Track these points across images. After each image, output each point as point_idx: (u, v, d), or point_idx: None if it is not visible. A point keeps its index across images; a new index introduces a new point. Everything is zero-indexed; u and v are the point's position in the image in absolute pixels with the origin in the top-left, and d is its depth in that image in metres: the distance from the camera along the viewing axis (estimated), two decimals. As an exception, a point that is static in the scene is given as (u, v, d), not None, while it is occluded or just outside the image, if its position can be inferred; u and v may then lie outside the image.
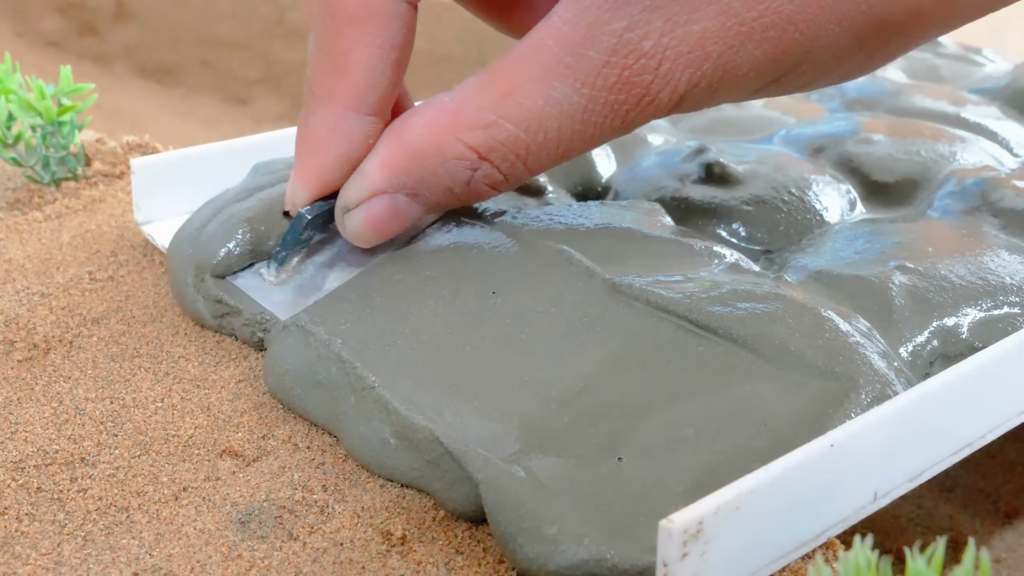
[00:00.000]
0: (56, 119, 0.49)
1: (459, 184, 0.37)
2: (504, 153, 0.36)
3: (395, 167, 0.37)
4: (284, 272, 0.40)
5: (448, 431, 0.32)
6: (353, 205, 0.38)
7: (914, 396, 0.31)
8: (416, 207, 0.38)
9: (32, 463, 0.34)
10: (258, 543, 0.31)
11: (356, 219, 0.38)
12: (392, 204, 0.38)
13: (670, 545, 0.26)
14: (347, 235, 0.39)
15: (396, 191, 0.37)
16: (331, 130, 0.37)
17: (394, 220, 0.38)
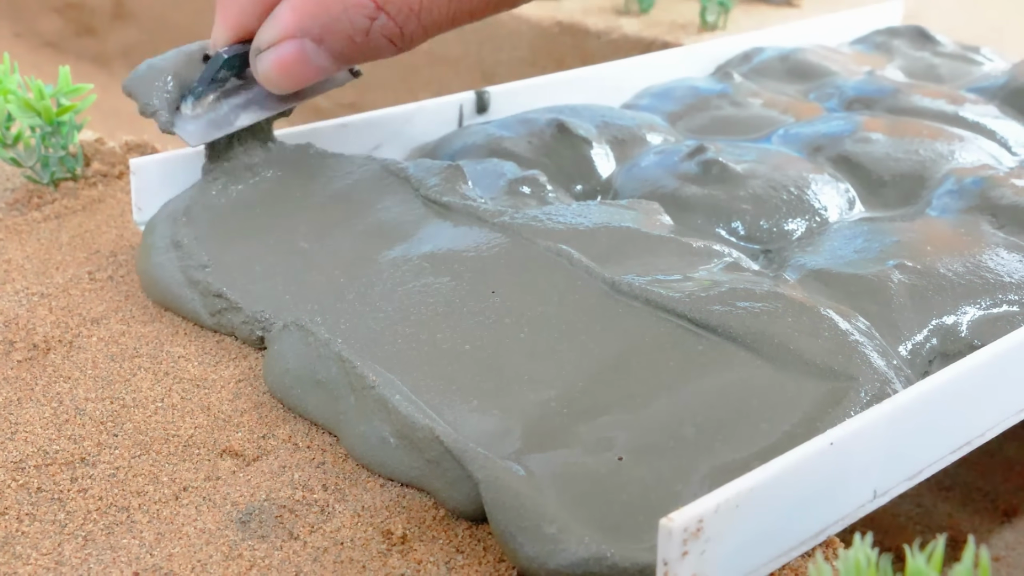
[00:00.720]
0: (55, 119, 0.49)
1: (359, 32, 0.40)
2: (399, 5, 0.40)
3: (303, 12, 0.40)
4: (199, 107, 0.43)
5: (448, 430, 0.32)
6: (264, 47, 0.41)
7: (913, 394, 0.31)
8: (322, 55, 0.41)
9: (32, 463, 0.34)
10: (258, 542, 0.31)
11: (267, 60, 0.41)
12: (300, 48, 0.41)
13: (670, 543, 0.26)
14: (259, 76, 0.42)
15: (303, 35, 0.41)
16: None
17: (301, 64, 0.41)
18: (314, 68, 0.42)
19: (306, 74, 0.42)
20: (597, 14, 0.91)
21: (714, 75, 0.64)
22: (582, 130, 0.51)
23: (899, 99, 0.58)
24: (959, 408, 0.33)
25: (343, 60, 0.42)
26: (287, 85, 0.42)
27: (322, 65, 0.42)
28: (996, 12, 0.93)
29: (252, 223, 0.43)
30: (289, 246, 0.42)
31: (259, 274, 0.41)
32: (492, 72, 0.96)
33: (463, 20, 0.41)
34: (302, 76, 0.42)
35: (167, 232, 0.42)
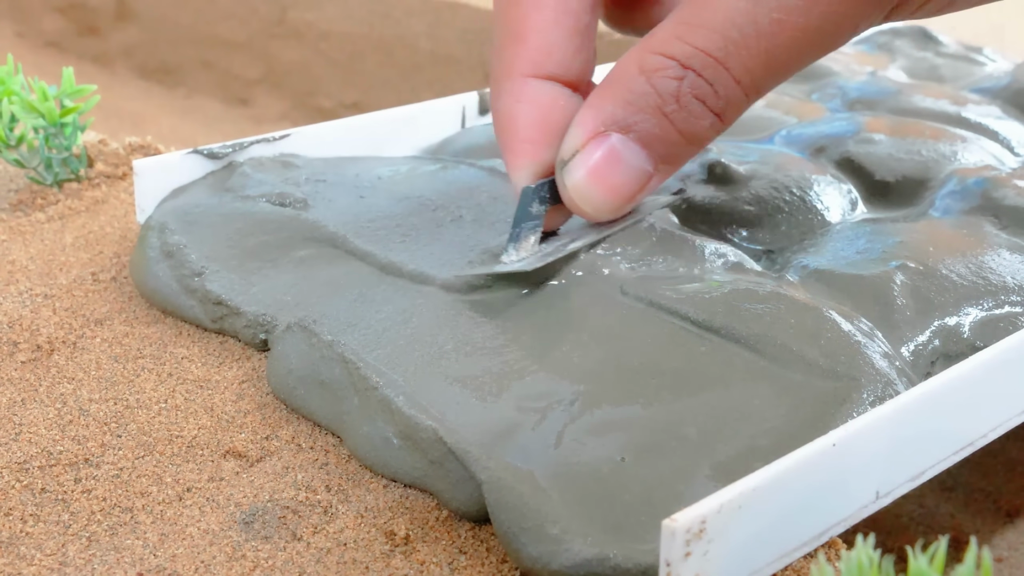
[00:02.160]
0: (59, 120, 0.49)
1: (668, 100, 0.34)
2: (703, 59, 0.34)
3: (599, 101, 0.35)
4: (523, 250, 0.38)
5: (451, 431, 0.32)
6: (569, 157, 0.35)
7: (916, 395, 0.31)
8: (635, 148, 0.35)
9: (36, 464, 0.34)
10: (262, 543, 0.31)
11: (576, 174, 0.35)
12: (608, 147, 0.35)
13: (673, 544, 0.26)
14: (573, 197, 0.36)
15: (608, 128, 0.35)
16: (518, 100, 0.36)
17: (615, 167, 0.35)
18: (632, 171, 0.35)
19: (624, 182, 0.35)
20: (599, 14, 0.91)
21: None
22: (585, 131, 0.51)
23: (901, 100, 0.58)
24: (961, 409, 0.33)
25: (660, 151, 0.35)
26: (606, 202, 0.36)
27: (640, 166, 0.35)
28: (998, 12, 0.93)
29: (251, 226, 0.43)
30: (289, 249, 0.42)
31: (259, 277, 0.41)
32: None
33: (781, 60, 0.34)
34: (620, 186, 0.35)
35: (156, 243, 0.42)
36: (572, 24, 0.36)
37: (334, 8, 1.08)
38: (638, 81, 0.34)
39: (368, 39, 1.06)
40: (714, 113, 0.35)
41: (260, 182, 0.46)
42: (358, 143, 0.51)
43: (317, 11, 1.10)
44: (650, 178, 0.36)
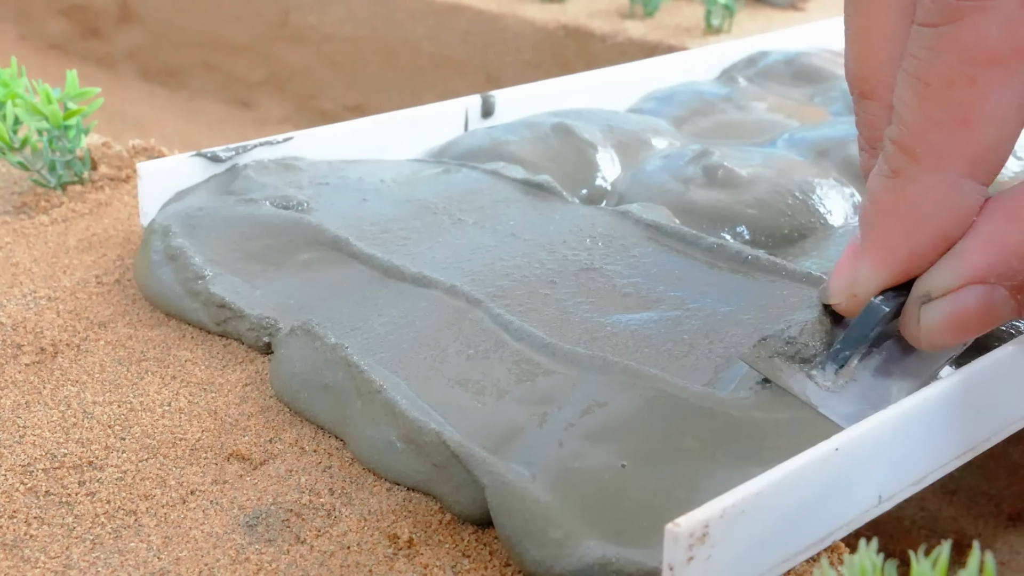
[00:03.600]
0: (62, 123, 0.49)
1: None
2: None
3: (1004, 250, 0.29)
4: (842, 376, 0.32)
5: (454, 435, 0.32)
6: (938, 294, 0.30)
7: (918, 400, 0.31)
8: (1011, 307, 0.30)
9: (40, 467, 0.34)
10: (265, 546, 0.31)
11: (938, 312, 0.30)
12: (988, 297, 0.30)
13: (676, 549, 0.26)
14: (919, 330, 0.31)
15: (998, 281, 0.30)
16: (936, 202, 0.29)
17: (983, 319, 0.30)
18: (995, 323, 0.30)
19: (980, 330, 0.31)
20: (602, 17, 0.91)
21: (719, 79, 0.64)
22: (587, 134, 0.51)
23: (904, 103, 0.58)
24: (964, 413, 0.33)
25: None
26: (950, 342, 0.31)
27: (1006, 319, 0.30)
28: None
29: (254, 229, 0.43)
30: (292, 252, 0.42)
31: (262, 280, 0.41)
32: (497, 75, 0.96)
33: None
34: (974, 331, 0.31)
35: (160, 246, 0.42)
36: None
37: (337, 11, 1.08)
38: None
39: (371, 42, 1.06)
40: None
41: (263, 185, 0.46)
42: (361, 146, 0.51)
43: (320, 14, 1.10)
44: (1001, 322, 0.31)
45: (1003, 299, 0.30)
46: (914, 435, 0.31)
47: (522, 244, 0.42)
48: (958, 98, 0.28)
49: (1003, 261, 0.29)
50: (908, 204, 0.30)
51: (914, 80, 0.29)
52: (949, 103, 0.29)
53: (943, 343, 0.31)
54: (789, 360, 0.33)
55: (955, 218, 0.30)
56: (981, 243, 0.30)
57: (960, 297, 0.30)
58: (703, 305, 0.38)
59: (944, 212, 0.29)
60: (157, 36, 1.26)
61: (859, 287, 0.31)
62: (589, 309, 0.38)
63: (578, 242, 0.42)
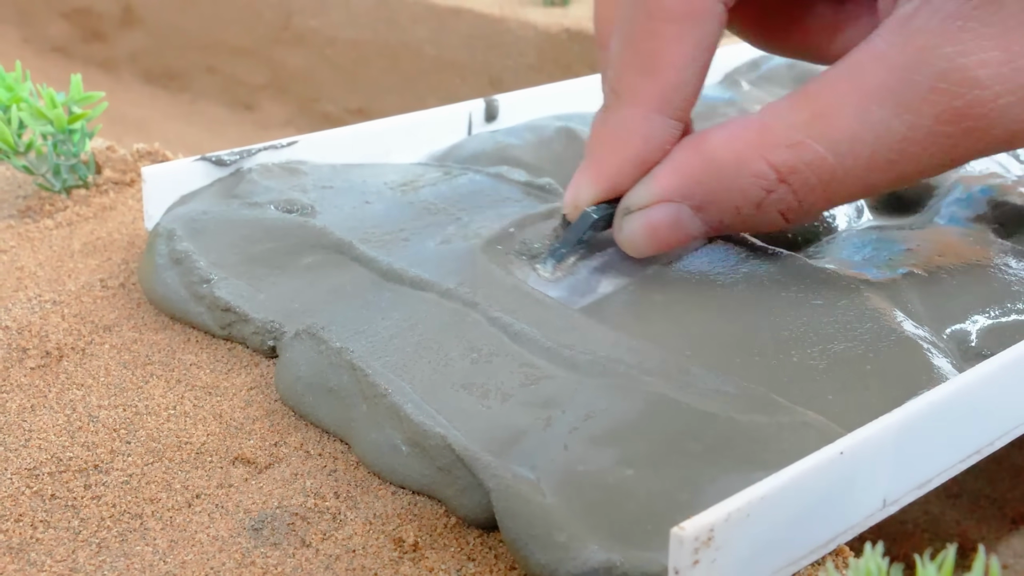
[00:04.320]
0: (67, 127, 0.49)
1: (749, 204, 0.35)
2: (806, 177, 0.34)
3: (687, 176, 0.36)
4: (560, 270, 0.39)
5: (459, 438, 0.32)
6: (635, 208, 0.37)
7: (922, 403, 0.31)
8: (697, 223, 0.36)
9: (46, 470, 0.34)
10: (271, 550, 0.31)
11: (635, 223, 0.37)
12: (675, 214, 0.36)
13: (681, 552, 0.26)
14: (622, 238, 0.38)
15: (682, 200, 0.36)
16: (631, 131, 0.36)
17: (672, 231, 0.36)
18: (683, 235, 0.37)
19: (673, 241, 0.37)
20: (604, 21, 0.91)
21: (722, 83, 0.64)
22: (591, 138, 0.51)
23: (907, 107, 0.58)
24: (969, 417, 0.33)
25: (718, 230, 0.37)
26: (650, 250, 0.38)
27: (693, 233, 0.37)
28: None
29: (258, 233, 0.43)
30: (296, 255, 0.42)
31: (266, 283, 0.41)
32: (499, 78, 0.96)
33: (874, 191, 0.35)
34: (668, 242, 0.37)
35: (164, 250, 0.42)
36: (704, 61, 0.36)
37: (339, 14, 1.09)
38: (731, 177, 0.35)
39: (373, 45, 1.06)
40: (787, 221, 0.36)
41: (267, 189, 0.46)
42: (365, 150, 0.51)
43: (322, 17, 1.10)
44: (695, 239, 0.38)
45: (688, 216, 0.36)
46: (919, 439, 0.31)
47: None
48: (646, 48, 0.36)
49: (686, 184, 0.36)
50: (612, 132, 0.37)
51: (618, 32, 0.37)
52: (639, 51, 0.36)
53: (643, 250, 0.37)
54: (519, 256, 0.40)
55: (648, 145, 0.36)
56: (670, 168, 0.36)
57: (652, 212, 0.36)
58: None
59: (639, 140, 0.36)
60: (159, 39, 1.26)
61: (580, 199, 0.38)
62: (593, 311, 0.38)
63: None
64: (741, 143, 0.35)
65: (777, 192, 0.34)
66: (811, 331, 0.36)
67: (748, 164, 0.34)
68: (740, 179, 0.35)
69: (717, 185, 0.35)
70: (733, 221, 0.36)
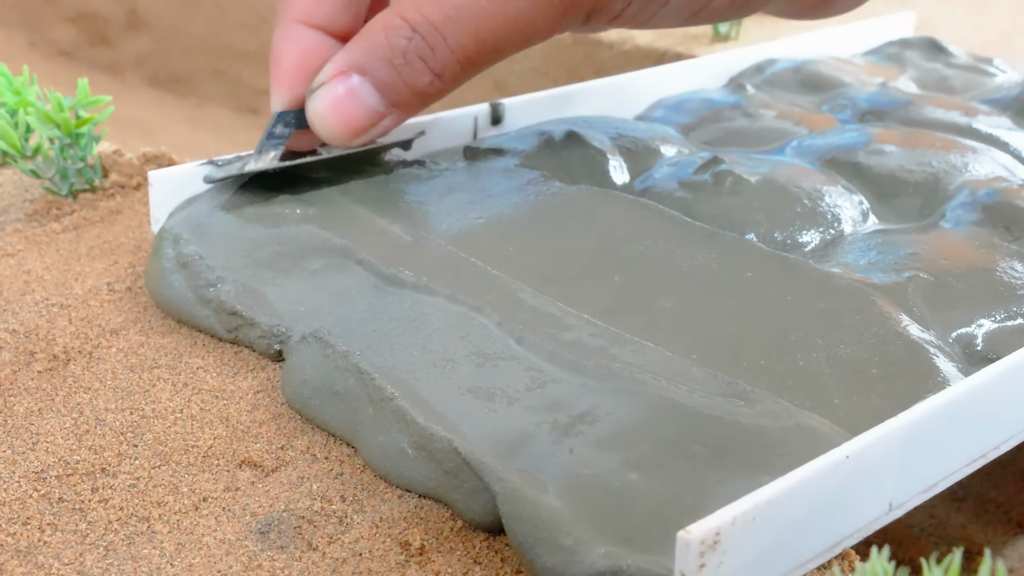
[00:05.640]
0: (74, 131, 0.50)
1: (398, 54, 0.41)
2: (427, 27, 0.40)
3: (351, 47, 0.42)
4: (262, 162, 0.44)
5: (466, 442, 0.32)
6: (316, 87, 0.42)
7: (929, 407, 0.31)
8: (370, 90, 0.42)
9: (54, 473, 0.34)
10: (278, 553, 0.31)
11: (319, 102, 0.42)
12: (349, 85, 0.42)
13: (688, 556, 0.26)
14: (314, 121, 0.43)
15: (351, 69, 0.42)
16: (285, 40, 0.43)
17: (352, 103, 0.42)
18: (365, 109, 0.42)
19: (358, 116, 0.42)
20: (609, 24, 0.91)
21: (727, 86, 0.64)
22: (596, 142, 0.52)
23: (912, 111, 0.58)
24: (974, 421, 0.33)
25: (390, 96, 0.42)
26: (341, 130, 0.43)
27: (373, 105, 0.42)
28: (1008, 23, 0.93)
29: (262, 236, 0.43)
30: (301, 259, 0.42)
31: (272, 287, 0.41)
32: (504, 82, 0.96)
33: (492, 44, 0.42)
34: (354, 119, 0.42)
35: (171, 253, 0.42)
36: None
37: (344, 18, 1.09)
38: (380, 35, 0.41)
39: (378, 49, 1.06)
40: (433, 73, 0.41)
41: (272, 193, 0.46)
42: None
43: (327, 21, 1.10)
44: (382, 117, 0.43)
45: (361, 84, 0.42)
46: (924, 443, 0.31)
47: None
48: None
49: (351, 55, 0.42)
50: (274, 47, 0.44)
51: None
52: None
53: (335, 129, 0.43)
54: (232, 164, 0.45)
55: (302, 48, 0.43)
56: (343, 51, 0.42)
57: (331, 85, 0.42)
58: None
59: (291, 48, 0.43)
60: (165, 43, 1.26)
61: (273, 105, 0.44)
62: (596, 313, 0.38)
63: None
64: (384, 14, 0.42)
65: (414, 40, 0.41)
66: (817, 335, 0.36)
67: (388, 20, 0.41)
68: (385, 34, 0.41)
69: (370, 43, 0.41)
70: (396, 80, 0.41)
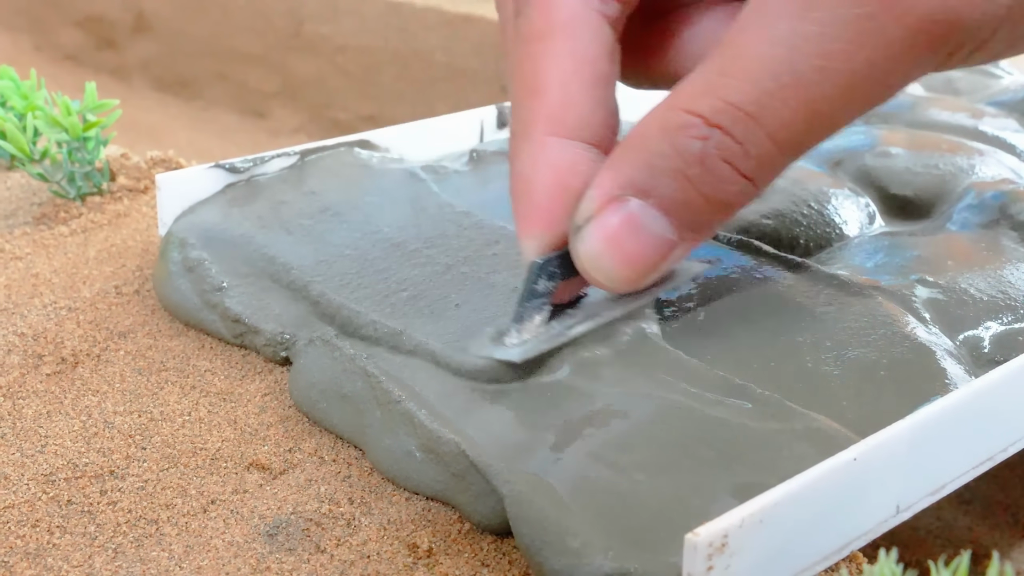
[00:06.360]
0: (82, 135, 0.50)
1: (691, 162, 0.31)
2: (733, 114, 0.30)
3: (618, 163, 0.32)
4: (526, 332, 0.34)
5: (473, 444, 0.32)
6: (583, 222, 0.32)
7: (935, 410, 0.31)
8: (656, 215, 0.32)
9: (63, 476, 0.34)
10: (286, 555, 0.32)
11: (590, 241, 0.32)
12: (626, 212, 0.32)
13: (695, 558, 0.26)
14: (584, 263, 0.33)
15: (625, 191, 0.32)
16: (536, 162, 0.33)
17: (635, 235, 0.32)
18: (652, 240, 0.32)
19: (643, 251, 0.32)
20: (615, 27, 0.91)
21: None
22: (602, 145, 0.52)
23: (918, 113, 0.58)
24: (982, 423, 0.33)
25: (683, 218, 0.32)
26: (623, 272, 0.33)
27: (661, 234, 0.32)
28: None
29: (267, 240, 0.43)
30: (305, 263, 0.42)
31: (276, 294, 0.41)
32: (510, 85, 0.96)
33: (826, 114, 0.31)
34: (639, 255, 0.32)
35: (178, 257, 0.43)
36: (591, 75, 0.33)
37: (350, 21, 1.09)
38: (659, 141, 0.31)
39: (384, 52, 1.07)
40: (744, 177, 0.31)
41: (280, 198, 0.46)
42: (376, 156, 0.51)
43: (333, 24, 1.10)
44: (673, 247, 0.32)
45: (643, 209, 0.32)
46: (932, 445, 0.31)
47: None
48: (525, 72, 0.34)
49: (622, 173, 0.32)
50: (519, 175, 0.34)
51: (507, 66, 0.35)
52: (522, 79, 0.34)
53: (613, 271, 0.32)
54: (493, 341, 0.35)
55: (557, 169, 0.33)
56: (607, 169, 0.32)
57: (603, 217, 0.32)
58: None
59: (544, 167, 0.33)
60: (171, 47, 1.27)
61: (525, 252, 0.34)
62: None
63: None
64: (659, 110, 0.32)
65: (712, 138, 0.30)
66: (824, 337, 0.36)
67: (670, 120, 0.31)
68: (669, 139, 0.31)
69: (649, 155, 0.31)
70: (691, 197, 0.31)
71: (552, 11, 0.33)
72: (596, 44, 0.33)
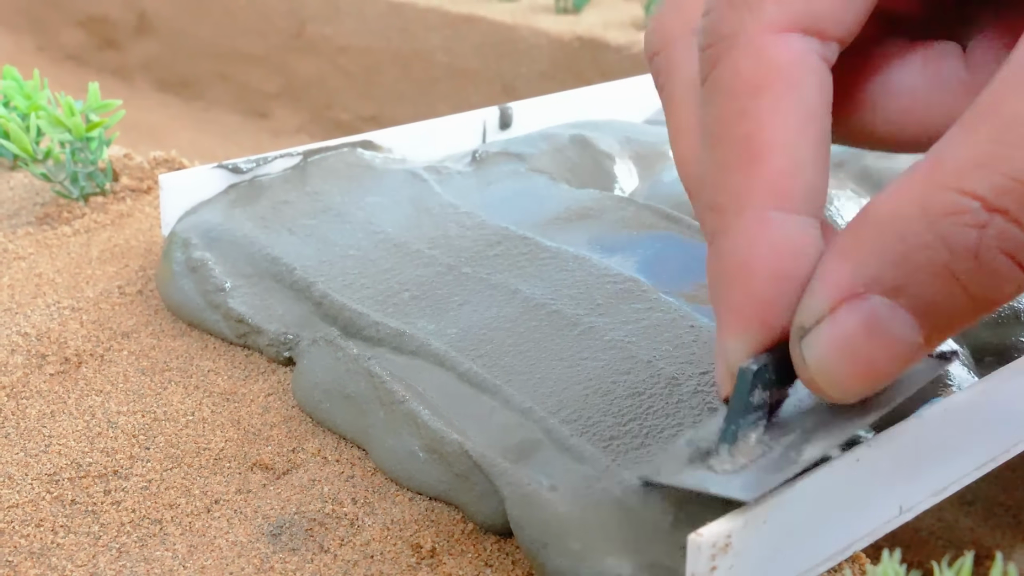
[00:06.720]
0: (85, 135, 0.50)
1: (962, 256, 0.24)
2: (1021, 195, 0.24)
3: (856, 252, 0.25)
4: (741, 455, 0.28)
5: (476, 445, 0.32)
6: (812, 323, 0.26)
7: (939, 410, 0.31)
8: (904, 318, 0.25)
9: (66, 476, 0.34)
10: (290, 555, 0.32)
11: (819, 346, 0.26)
12: (866, 313, 0.25)
13: (699, 558, 0.26)
14: (812, 375, 0.26)
15: (868, 290, 0.25)
16: (755, 243, 0.27)
17: (874, 340, 0.26)
18: (893, 343, 0.26)
19: (883, 355, 0.26)
20: (616, 29, 0.91)
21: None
22: (605, 145, 0.52)
23: (920, 114, 0.58)
24: (984, 424, 0.33)
25: (937, 321, 0.25)
26: (855, 384, 0.26)
27: (904, 336, 0.25)
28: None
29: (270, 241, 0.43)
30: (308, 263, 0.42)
31: (279, 295, 0.41)
32: (511, 86, 0.96)
33: None
34: (877, 360, 0.26)
35: (181, 257, 0.43)
36: (817, 134, 0.27)
37: (352, 22, 1.09)
38: (918, 229, 0.24)
39: (385, 53, 1.07)
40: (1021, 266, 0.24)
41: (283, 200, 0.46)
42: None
43: (335, 25, 1.11)
44: (918, 353, 0.26)
45: (887, 309, 0.25)
46: (935, 446, 0.31)
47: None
48: (738, 134, 0.27)
49: (865, 264, 0.25)
50: (730, 260, 0.27)
51: (703, 133, 0.28)
52: (732, 142, 0.27)
53: (846, 383, 0.26)
54: (691, 463, 0.29)
55: (782, 253, 0.27)
56: (836, 258, 0.26)
57: (837, 318, 0.26)
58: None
59: (766, 250, 0.27)
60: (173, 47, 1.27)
61: (732, 364, 0.27)
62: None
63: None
64: (917, 187, 0.25)
65: (993, 225, 0.24)
66: None
67: (934, 202, 0.24)
68: (933, 228, 0.24)
69: (904, 247, 0.25)
70: (951, 291, 0.25)
71: (768, 56, 0.27)
72: (820, 94, 0.27)
